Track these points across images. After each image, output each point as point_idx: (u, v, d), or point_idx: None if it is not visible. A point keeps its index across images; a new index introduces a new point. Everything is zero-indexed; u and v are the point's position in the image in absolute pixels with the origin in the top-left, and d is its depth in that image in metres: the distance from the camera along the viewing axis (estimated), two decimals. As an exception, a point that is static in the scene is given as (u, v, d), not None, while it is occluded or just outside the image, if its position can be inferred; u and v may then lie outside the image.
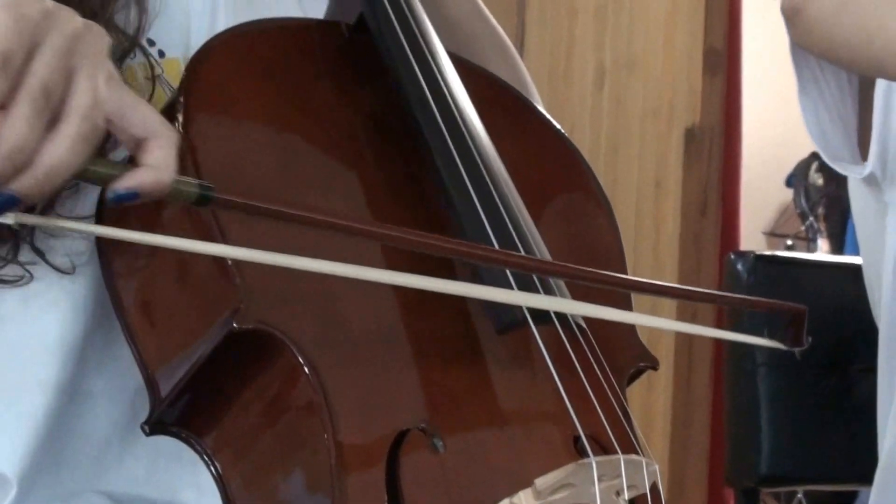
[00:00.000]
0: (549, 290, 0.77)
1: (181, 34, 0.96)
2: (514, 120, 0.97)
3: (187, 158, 0.76)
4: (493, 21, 1.12)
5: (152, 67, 0.91)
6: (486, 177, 0.80)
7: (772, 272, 1.40)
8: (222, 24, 0.98)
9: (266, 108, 0.84)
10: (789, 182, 4.64)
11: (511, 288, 0.75)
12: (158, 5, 0.93)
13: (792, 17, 1.29)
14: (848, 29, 1.20)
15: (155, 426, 0.78)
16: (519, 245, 0.78)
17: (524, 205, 0.82)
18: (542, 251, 0.80)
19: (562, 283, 0.79)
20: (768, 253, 1.46)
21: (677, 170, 2.99)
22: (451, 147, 0.81)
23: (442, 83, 0.85)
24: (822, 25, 1.23)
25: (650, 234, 3.02)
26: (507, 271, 0.76)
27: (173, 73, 0.93)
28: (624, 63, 3.14)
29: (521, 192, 0.83)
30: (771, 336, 0.84)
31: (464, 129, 0.83)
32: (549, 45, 3.33)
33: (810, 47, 1.29)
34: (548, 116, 1.02)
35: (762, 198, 4.53)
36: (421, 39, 0.88)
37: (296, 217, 0.68)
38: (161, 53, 0.94)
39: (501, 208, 0.79)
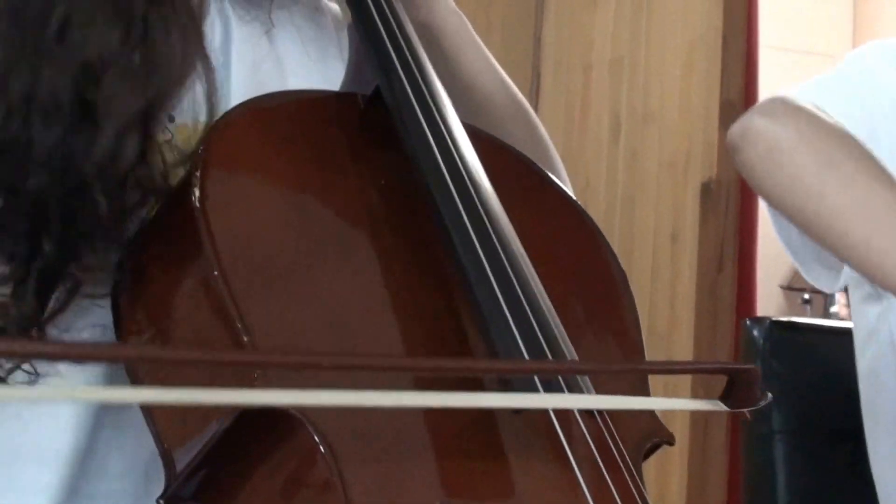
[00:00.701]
0: (572, 387, 0.78)
1: (191, 101, 0.98)
2: (530, 195, 0.98)
3: (202, 229, 0.78)
4: (509, 81, 1.14)
5: (162, 133, 0.93)
6: (507, 264, 0.81)
7: (788, 338, 1.41)
8: (235, 92, 1.01)
9: (282, 181, 0.86)
10: (806, 232, 4.64)
11: (537, 390, 0.76)
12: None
13: (732, 154, 1.30)
14: (767, 183, 1.22)
15: (170, 500, 0.78)
16: (546, 349, 0.78)
17: (541, 283, 0.82)
18: (569, 348, 0.80)
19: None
20: (784, 319, 1.47)
21: (694, 223, 3.00)
22: (468, 226, 0.82)
23: (458, 160, 0.87)
24: (749, 171, 1.25)
25: (666, 288, 3.03)
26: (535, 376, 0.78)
27: (183, 138, 0.96)
28: (640, 115, 3.16)
29: (536, 268, 0.83)
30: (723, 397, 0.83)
31: (480, 208, 0.84)
32: (563, 97, 3.36)
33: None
34: (564, 188, 1.03)
35: (778, 249, 4.52)
36: (437, 113, 0.89)
37: (328, 365, 0.70)
38: (171, 118, 0.96)
39: (524, 303, 0.79)
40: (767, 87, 3.37)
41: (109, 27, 0.90)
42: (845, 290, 1.44)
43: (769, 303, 4.37)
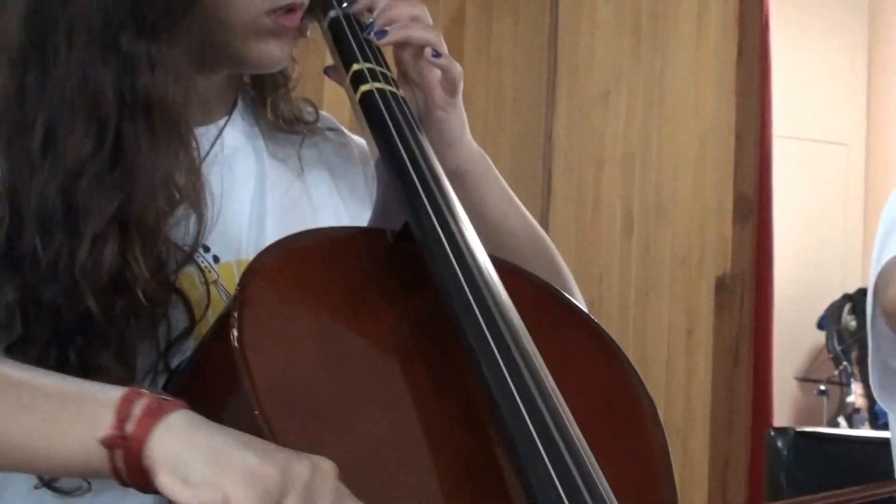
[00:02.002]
0: None
1: (233, 240, 1.01)
2: (557, 327, 1.00)
3: (242, 370, 0.80)
4: (530, 217, 1.17)
5: (208, 273, 0.97)
6: (541, 404, 0.83)
7: (812, 448, 1.42)
8: (270, 230, 1.04)
9: (316, 320, 0.88)
10: (821, 324, 4.65)
11: None
12: (215, 215, 0.99)
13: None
14: None
15: None
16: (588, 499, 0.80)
17: (575, 421, 0.84)
18: (609, 497, 0.82)
19: None
20: (808, 429, 1.48)
21: (708, 319, 3.01)
22: (500, 363, 0.84)
23: (488, 295, 0.88)
24: None
25: (682, 384, 3.03)
26: None
27: (228, 277, 0.99)
28: (653, 210, 3.19)
29: (568, 404, 0.85)
30: None
31: (512, 345, 0.85)
32: (576, 192, 3.39)
33: None
34: (585, 312, 1.05)
35: (794, 341, 4.53)
36: (465, 248, 0.92)
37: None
38: (216, 259, 1.00)
39: (562, 447, 0.81)
40: (781, 178, 3.41)
41: (84, 136, 0.94)
42: (864, 381, 1.49)
43: (785, 395, 4.36)
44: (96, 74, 0.95)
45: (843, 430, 3.72)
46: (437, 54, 1.06)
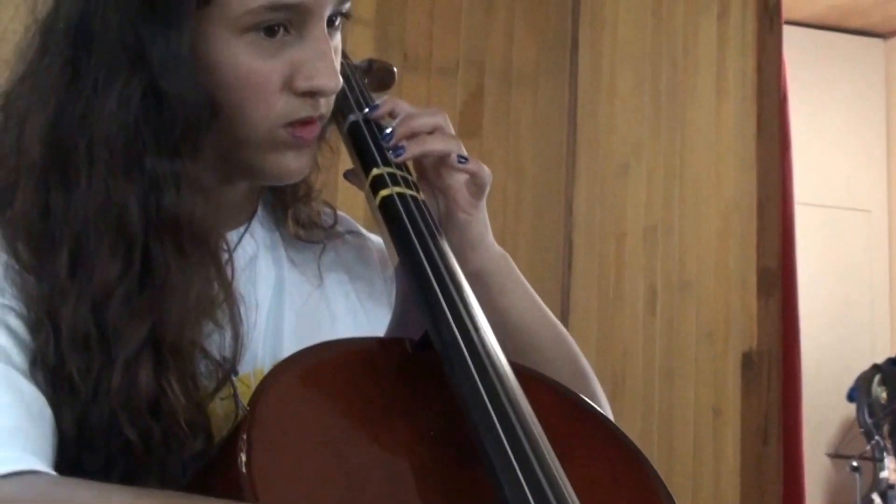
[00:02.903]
0: None
1: (250, 350, 1.01)
2: (579, 436, 0.99)
3: (246, 490, 0.79)
4: (553, 318, 1.16)
5: (233, 386, 0.98)
6: None
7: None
8: (287, 340, 1.04)
9: (330, 439, 0.87)
10: (851, 397, 4.60)
11: None
12: (250, 327, 1.00)
13: None
14: None
15: None
16: None
17: None
18: None
19: None
20: None
21: (735, 396, 2.98)
22: (521, 479, 0.83)
23: (509, 407, 0.87)
24: None
25: (710, 464, 3.00)
26: None
27: (244, 389, 0.99)
28: (676, 284, 3.18)
29: None
30: None
31: (534, 460, 0.84)
32: (597, 266, 3.39)
33: None
34: (609, 420, 1.05)
35: (823, 415, 4.51)
36: (486, 359, 0.91)
37: None
38: (235, 372, 0.99)
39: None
40: (805, 247, 3.39)
41: (111, 257, 0.94)
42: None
43: (816, 472, 4.31)
44: (120, 194, 0.95)
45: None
46: (465, 159, 1.08)
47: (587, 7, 3.53)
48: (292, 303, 1.10)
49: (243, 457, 0.81)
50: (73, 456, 0.93)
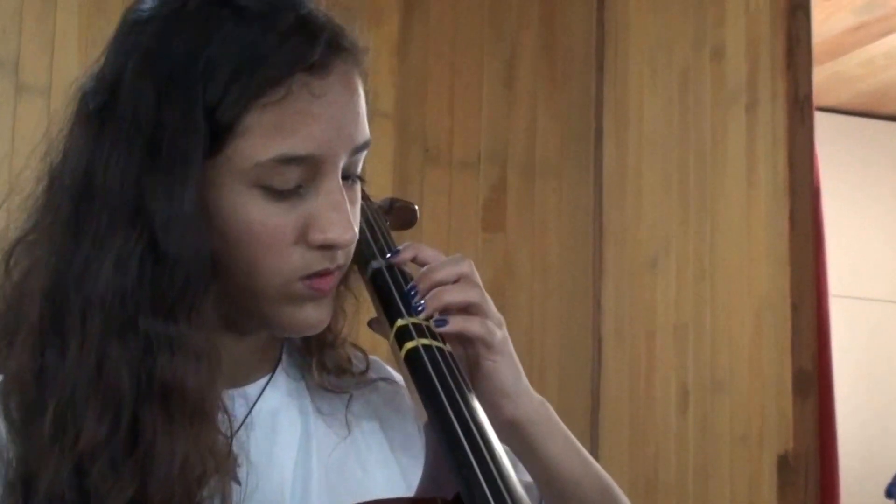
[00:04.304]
0: None
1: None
2: None
3: None
4: (596, 466, 1.15)
5: None
6: None
7: None
8: (316, 496, 1.04)
9: None
10: (889, 493, 4.55)
11: None
12: (254, 483, 0.99)
13: None
14: None
15: None
16: None
17: None
18: None
19: None
20: None
21: (771, 500, 2.96)
22: None
23: None
24: None
25: None
26: None
27: None
28: (708, 384, 3.16)
29: None
30: None
31: None
32: (627, 364, 3.38)
33: None
34: None
35: (863, 513, 4.46)
36: None
37: None
38: None
39: None
40: (840, 340, 3.35)
41: (98, 421, 0.94)
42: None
43: None
44: (112, 358, 0.96)
45: None
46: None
47: (611, 96, 3.55)
48: (320, 456, 1.09)
49: None
50: None
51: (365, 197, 1.12)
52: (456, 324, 1.07)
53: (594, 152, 3.53)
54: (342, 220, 1.02)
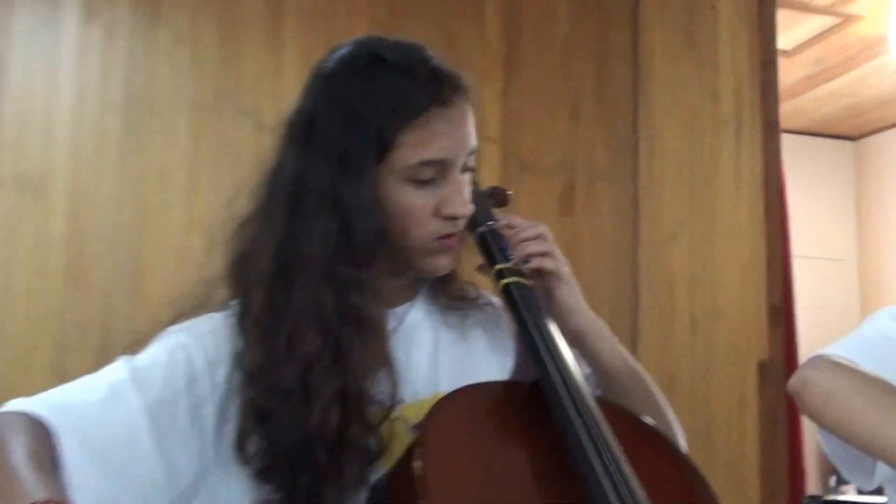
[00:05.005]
0: None
1: (414, 387, 1.04)
2: (646, 448, 1.01)
3: (423, 492, 0.82)
4: (633, 362, 1.14)
5: (394, 413, 0.97)
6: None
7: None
8: (443, 380, 1.06)
9: (479, 453, 0.91)
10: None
11: None
12: (404, 373, 1.02)
13: (794, 396, 1.24)
14: (830, 420, 1.20)
15: None
16: None
17: None
18: None
19: None
20: (830, 499, 1.32)
21: (754, 393, 3.16)
22: (609, 489, 0.87)
23: (600, 436, 0.91)
24: (813, 412, 1.22)
25: (735, 438, 3.12)
26: None
27: (410, 414, 1.02)
28: (710, 316, 3.35)
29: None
30: None
31: (613, 468, 0.88)
32: (657, 304, 3.53)
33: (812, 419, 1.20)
34: (666, 436, 1.06)
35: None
36: (579, 401, 0.95)
37: None
38: (401, 401, 1.02)
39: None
40: (798, 285, 3.40)
41: (314, 338, 0.97)
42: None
43: (815, 440, 4.03)
44: (322, 295, 0.97)
45: (857, 496, 3.49)
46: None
47: (644, 126, 3.74)
48: (445, 353, 1.11)
49: (419, 463, 0.85)
50: (261, 466, 0.95)
51: (474, 185, 1.13)
52: (536, 262, 1.09)
53: (633, 163, 3.74)
54: (462, 200, 1.05)
